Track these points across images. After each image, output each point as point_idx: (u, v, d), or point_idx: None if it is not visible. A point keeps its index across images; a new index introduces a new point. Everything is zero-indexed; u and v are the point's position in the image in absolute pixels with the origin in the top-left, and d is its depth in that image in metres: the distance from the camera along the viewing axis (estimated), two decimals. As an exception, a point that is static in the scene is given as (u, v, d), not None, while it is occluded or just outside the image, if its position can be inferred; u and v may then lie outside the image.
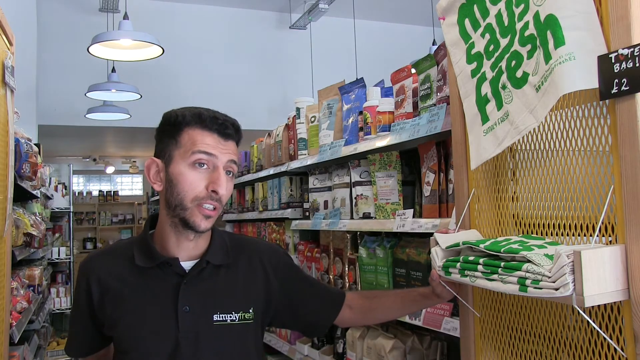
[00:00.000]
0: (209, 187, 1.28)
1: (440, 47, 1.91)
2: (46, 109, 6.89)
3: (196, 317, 1.32)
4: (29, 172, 2.84)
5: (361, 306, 1.57)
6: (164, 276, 1.34)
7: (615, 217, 1.07)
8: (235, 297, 1.37)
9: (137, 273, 1.35)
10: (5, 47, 2.11)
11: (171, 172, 1.30)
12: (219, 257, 1.38)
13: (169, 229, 1.34)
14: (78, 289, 1.40)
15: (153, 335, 1.31)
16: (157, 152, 1.35)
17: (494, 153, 1.31)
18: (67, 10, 7.25)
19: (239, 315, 1.35)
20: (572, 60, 1.06)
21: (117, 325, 1.33)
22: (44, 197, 5.53)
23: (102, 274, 1.36)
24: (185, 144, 1.29)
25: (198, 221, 1.29)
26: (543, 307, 1.27)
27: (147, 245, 1.36)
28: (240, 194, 4.38)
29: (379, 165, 2.31)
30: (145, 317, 1.32)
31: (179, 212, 1.29)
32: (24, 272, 4.00)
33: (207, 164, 1.29)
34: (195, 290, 1.33)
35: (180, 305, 1.31)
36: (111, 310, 1.34)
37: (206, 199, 1.28)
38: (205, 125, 1.30)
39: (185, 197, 1.28)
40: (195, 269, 1.34)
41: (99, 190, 14.17)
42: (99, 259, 1.41)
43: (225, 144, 1.31)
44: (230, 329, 1.34)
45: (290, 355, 3.22)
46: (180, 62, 7.45)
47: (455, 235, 1.41)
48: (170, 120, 1.32)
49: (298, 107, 3.15)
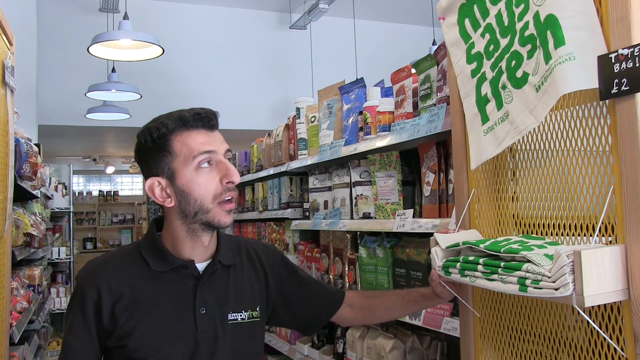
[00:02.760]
0: (223, 181, 1.28)
1: (440, 47, 1.91)
2: (46, 109, 6.89)
3: (212, 317, 1.32)
4: (29, 172, 2.84)
5: (361, 305, 1.57)
6: (179, 279, 1.32)
7: (615, 217, 1.07)
8: (244, 296, 1.38)
9: (150, 278, 1.32)
10: (5, 47, 2.11)
11: (179, 183, 1.27)
12: (229, 258, 1.39)
13: (184, 235, 1.32)
14: (83, 302, 1.29)
15: (173, 339, 1.29)
16: (153, 170, 1.30)
17: (494, 153, 1.31)
18: (67, 10, 7.24)
19: (248, 314, 1.37)
20: (572, 60, 1.06)
21: (132, 334, 1.27)
22: (44, 197, 5.53)
23: (113, 281, 1.30)
24: (180, 152, 1.27)
25: (223, 219, 1.30)
26: (543, 307, 1.27)
27: (160, 249, 1.33)
28: (240, 194, 4.37)
29: (379, 165, 2.31)
30: (163, 322, 1.29)
31: (201, 216, 1.28)
32: (24, 272, 3.99)
33: (210, 162, 1.28)
34: (209, 291, 1.34)
35: (197, 306, 1.31)
36: (126, 318, 1.28)
37: (224, 192, 1.28)
38: (191, 126, 1.28)
39: (205, 200, 1.27)
40: (209, 270, 1.34)
41: (99, 190, 14.16)
42: (106, 266, 1.34)
43: (215, 136, 1.31)
44: (242, 328, 1.35)
45: (290, 355, 3.22)
46: (180, 62, 7.45)
47: (455, 235, 1.41)
48: (152, 136, 1.28)
49: (298, 107, 3.15)
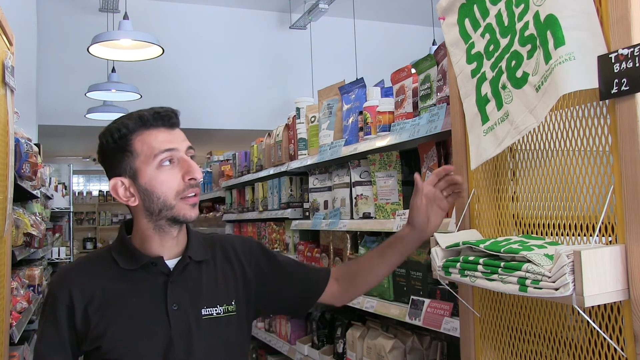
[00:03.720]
0: (185, 178, 1.29)
1: (440, 47, 1.91)
2: (46, 109, 6.90)
3: (185, 313, 1.32)
4: (29, 172, 2.84)
5: (344, 275, 1.56)
6: (149, 277, 1.33)
7: (615, 217, 1.07)
8: (218, 290, 1.38)
9: (120, 278, 1.33)
10: (5, 47, 2.11)
11: (141, 182, 1.29)
12: (200, 253, 1.40)
13: (151, 232, 1.34)
14: (55, 306, 1.31)
15: (146, 337, 1.30)
16: (115, 170, 1.32)
17: (494, 153, 1.31)
18: (67, 10, 7.25)
19: (223, 308, 1.37)
20: (572, 60, 1.06)
21: (105, 334, 1.29)
22: (44, 197, 5.53)
23: (84, 283, 1.32)
24: (141, 151, 1.28)
25: (188, 212, 1.31)
26: (543, 307, 1.27)
27: (129, 248, 1.35)
28: (240, 194, 4.37)
29: (379, 165, 2.31)
30: (136, 320, 1.30)
31: (166, 213, 1.30)
32: (24, 272, 3.99)
33: (171, 160, 1.30)
34: (181, 287, 1.34)
35: (169, 303, 1.31)
36: (98, 320, 1.29)
37: (187, 189, 1.30)
38: (151, 125, 1.29)
39: (168, 197, 1.29)
40: (179, 266, 1.35)
41: (99, 190, 14.16)
42: (78, 270, 1.37)
43: (176, 134, 1.32)
44: (217, 322, 1.35)
45: (290, 355, 3.22)
46: (180, 62, 7.45)
47: (455, 235, 1.41)
48: (114, 137, 1.29)
49: (298, 107, 3.15)
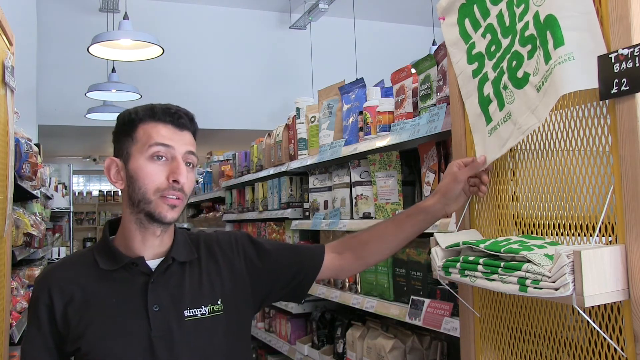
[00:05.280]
0: (170, 178, 1.28)
1: (440, 47, 1.91)
2: (46, 109, 6.90)
3: (167, 315, 1.30)
4: (29, 172, 2.84)
5: (350, 246, 1.50)
6: (130, 277, 1.32)
7: (615, 217, 1.07)
8: (203, 291, 1.36)
9: (100, 278, 1.32)
10: (5, 47, 2.11)
11: (130, 168, 1.30)
12: (184, 254, 1.37)
13: (134, 227, 1.32)
14: (36, 306, 1.31)
15: (125, 338, 1.28)
16: (115, 152, 1.35)
17: (499, 154, 1.31)
18: (67, 10, 7.25)
19: (208, 309, 1.34)
20: (572, 60, 1.06)
21: (84, 335, 1.28)
22: (44, 197, 5.53)
23: (63, 283, 1.32)
24: (141, 139, 1.30)
25: (164, 212, 1.28)
26: (543, 307, 1.27)
27: (110, 248, 1.34)
28: (240, 194, 4.37)
29: (379, 165, 2.31)
30: (114, 321, 1.29)
31: (143, 206, 1.28)
32: (24, 272, 3.99)
33: (165, 156, 1.29)
34: (163, 288, 1.32)
35: (150, 304, 1.29)
36: (77, 320, 1.29)
37: (168, 189, 1.28)
38: (158, 118, 1.31)
39: (148, 190, 1.28)
40: (162, 267, 1.33)
41: (99, 190, 14.18)
42: (58, 269, 1.37)
43: (180, 135, 1.31)
44: (202, 323, 1.33)
45: (290, 355, 3.22)
46: (180, 62, 7.46)
47: (455, 235, 1.41)
48: (124, 120, 1.34)
49: (298, 107, 3.15)
